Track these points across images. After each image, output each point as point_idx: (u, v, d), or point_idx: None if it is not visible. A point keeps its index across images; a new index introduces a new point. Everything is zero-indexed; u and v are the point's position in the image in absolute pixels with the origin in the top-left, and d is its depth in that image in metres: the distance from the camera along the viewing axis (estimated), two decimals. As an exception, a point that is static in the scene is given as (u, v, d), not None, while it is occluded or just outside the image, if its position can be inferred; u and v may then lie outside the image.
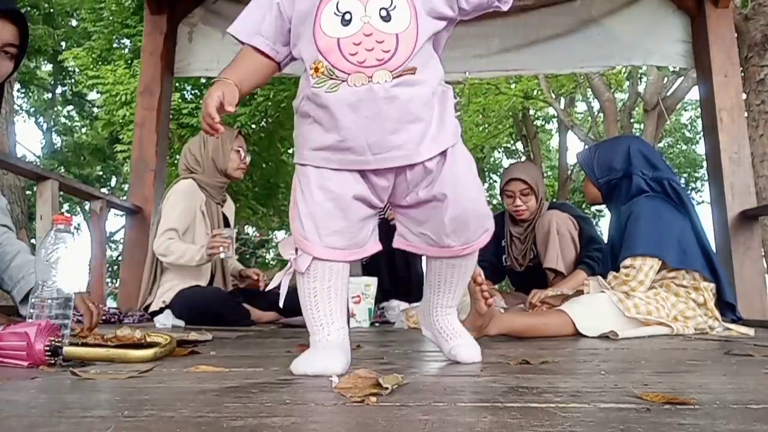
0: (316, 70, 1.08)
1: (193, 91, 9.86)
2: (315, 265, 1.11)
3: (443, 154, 1.12)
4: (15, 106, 10.77)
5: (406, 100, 1.07)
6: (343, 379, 0.85)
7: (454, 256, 1.19)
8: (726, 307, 2.10)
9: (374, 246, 1.19)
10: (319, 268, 1.11)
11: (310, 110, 1.12)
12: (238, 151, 2.82)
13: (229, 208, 2.96)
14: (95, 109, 13.49)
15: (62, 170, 12.36)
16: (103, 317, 2.59)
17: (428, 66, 1.11)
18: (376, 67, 1.06)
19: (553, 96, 11.75)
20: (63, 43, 12.12)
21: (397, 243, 1.23)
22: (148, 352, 1.18)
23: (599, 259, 2.49)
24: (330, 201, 1.10)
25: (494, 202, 10.33)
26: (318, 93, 1.08)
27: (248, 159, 2.90)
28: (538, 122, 14.87)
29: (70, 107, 14.84)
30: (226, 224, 2.89)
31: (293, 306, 1.20)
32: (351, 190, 1.11)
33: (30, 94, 14.24)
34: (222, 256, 2.59)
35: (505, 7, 1.14)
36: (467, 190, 1.14)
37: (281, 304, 1.17)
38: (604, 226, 6.21)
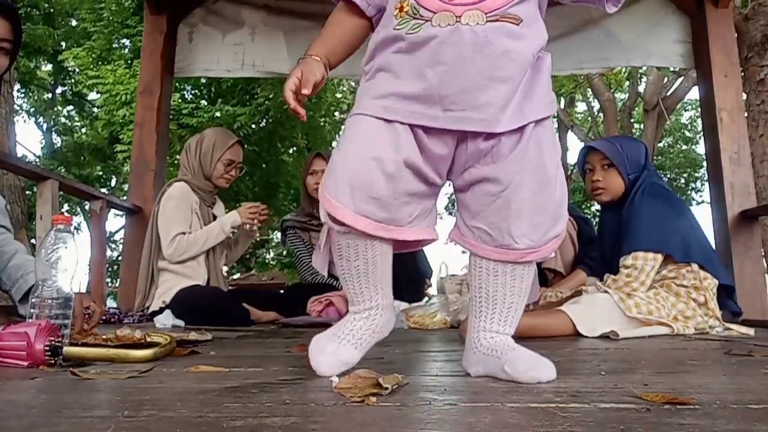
0: (401, 9, 0.94)
1: (193, 91, 9.86)
2: (340, 238, 0.99)
3: (523, 129, 0.94)
4: (15, 106, 10.76)
5: (500, 51, 0.90)
6: (344, 380, 0.85)
7: (511, 262, 0.98)
8: (726, 296, 2.10)
9: (413, 233, 1.00)
10: (343, 240, 0.99)
11: (383, 60, 0.97)
12: (229, 163, 2.81)
13: (219, 210, 2.96)
14: (95, 109, 13.49)
15: (62, 170, 12.35)
16: (103, 317, 2.59)
17: (534, 23, 0.95)
18: (468, 5, 0.90)
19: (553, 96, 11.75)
20: (63, 43, 12.12)
21: (453, 235, 1.05)
22: (148, 352, 1.18)
23: (598, 258, 2.48)
24: (376, 160, 0.93)
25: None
26: (397, 35, 0.94)
27: (239, 171, 2.88)
28: (539, 122, 14.85)
29: (70, 107, 14.85)
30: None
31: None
32: (404, 152, 0.93)
33: (30, 94, 14.24)
34: (255, 228, 2.72)
35: (611, 10, 1.01)
36: (541, 178, 0.95)
37: (325, 273, 1.15)
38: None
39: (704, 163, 5.44)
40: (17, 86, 12.11)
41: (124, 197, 5.37)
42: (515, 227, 0.96)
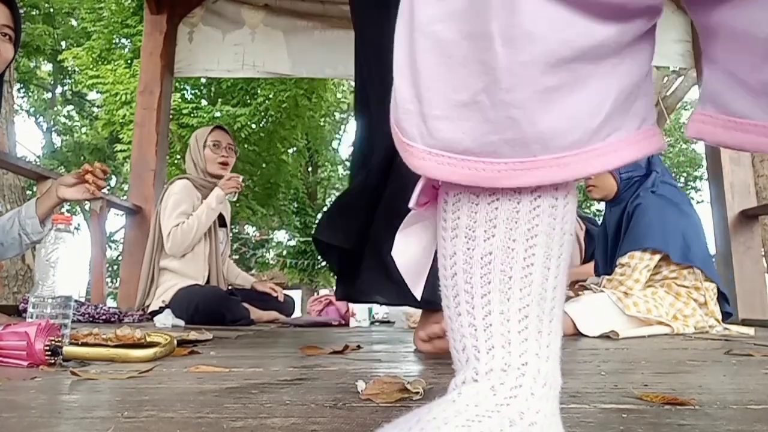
0: None
1: (193, 91, 9.87)
2: (420, 214, 0.52)
3: None
4: (15, 106, 10.76)
5: None
6: (370, 385, 0.84)
7: None
8: (723, 299, 2.11)
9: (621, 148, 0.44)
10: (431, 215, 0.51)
11: None
12: (215, 144, 2.83)
13: (225, 207, 2.97)
14: (95, 109, 13.49)
15: (62, 170, 12.35)
16: (104, 317, 2.59)
17: None
18: None
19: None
20: (63, 43, 12.12)
21: (692, 130, 0.48)
22: (148, 352, 1.18)
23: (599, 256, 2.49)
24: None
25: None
26: None
27: (231, 152, 2.89)
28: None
29: (70, 107, 14.86)
30: (222, 223, 2.91)
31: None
32: None
33: (30, 94, 14.24)
34: (234, 198, 2.81)
35: None
36: None
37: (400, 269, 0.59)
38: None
39: (704, 163, 5.44)
40: (17, 86, 12.11)
41: (124, 197, 5.37)
42: None
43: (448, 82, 0.43)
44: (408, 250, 0.54)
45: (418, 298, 0.54)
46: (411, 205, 0.51)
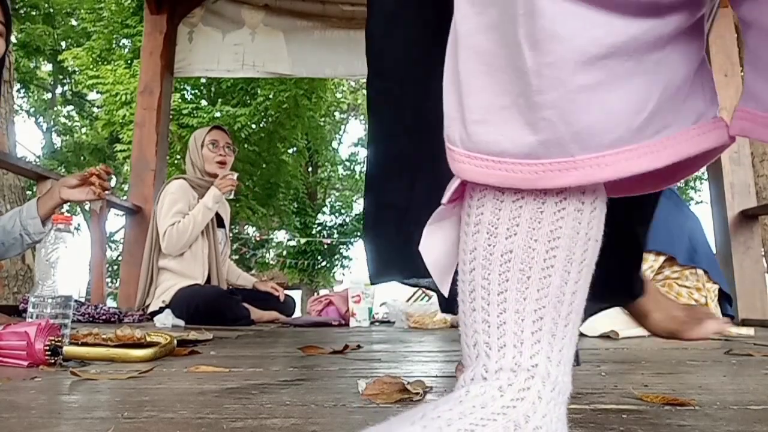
0: None
1: (193, 91, 9.87)
2: (466, 210, 0.49)
3: None
4: (15, 106, 10.76)
5: None
6: (370, 386, 0.84)
7: None
8: (725, 301, 2.11)
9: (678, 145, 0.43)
10: (471, 215, 0.48)
11: None
12: (212, 143, 2.83)
13: (224, 208, 2.97)
14: (95, 109, 13.50)
15: (62, 170, 12.36)
16: (104, 317, 2.59)
17: None
18: None
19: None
20: (63, 43, 12.13)
21: (735, 127, 0.45)
22: (148, 352, 1.18)
23: None
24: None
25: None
26: None
27: (229, 151, 2.89)
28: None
29: (70, 107, 14.86)
30: (220, 223, 2.91)
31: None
32: None
33: (30, 94, 14.25)
34: (231, 196, 2.80)
35: None
36: None
37: (429, 263, 0.54)
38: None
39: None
40: (17, 86, 12.11)
41: (124, 197, 5.37)
42: None
43: (489, 88, 0.44)
44: (435, 247, 0.53)
45: (446, 294, 0.53)
46: (443, 201, 0.51)
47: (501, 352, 0.44)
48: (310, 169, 15.36)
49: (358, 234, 15.38)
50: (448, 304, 1.09)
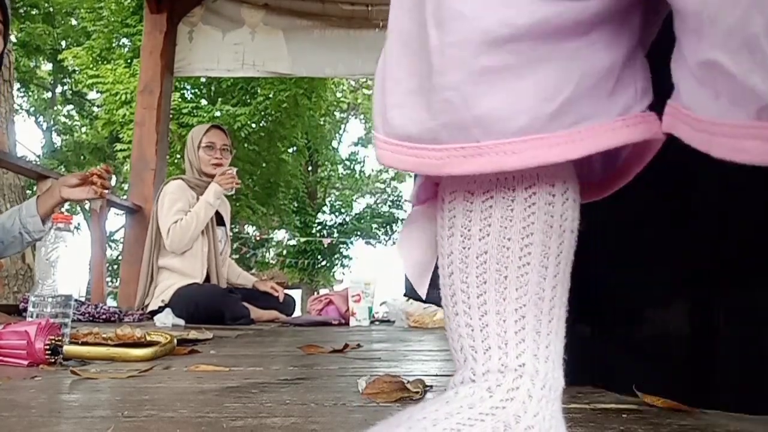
0: None
1: (193, 91, 9.87)
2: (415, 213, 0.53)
3: None
4: (15, 106, 10.76)
5: None
6: (370, 385, 0.84)
7: None
8: None
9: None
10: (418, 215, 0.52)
11: None
12: (208, 146, 2.83)
13: (224, 207, 2.97)
14: (95, 109, 13.50)
15: (62, 170, 12.36)
16: (104, 316, 2.59)
17: None
18: None
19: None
20: (63, 43, 12.12)
21: (665, 124, 0.42)
22: (148, 351, 1.18)
23: None
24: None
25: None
26: None
27: (226, 153, 2.88)
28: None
29: (70, 107, 14.86)
30: (220, 222, 2.91)
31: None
32: None
33: (30, 93, 14.25)
34: (231, 192, 2.80)
35: None
36: None
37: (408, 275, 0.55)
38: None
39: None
40: (17, 86, 12.11)
41: (124, 196, 5.37)
42: None
43: (404, 69, 0.43)
44: (413, 248, 0.53)
45: (423, 297, 0.53)
46: (413, 203, 0.50)
47: (486, 354, 0.44)
48: (310, 168, 15.36)
49: (358, 233, 15.39)
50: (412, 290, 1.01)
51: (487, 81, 0.39)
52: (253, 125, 9.30)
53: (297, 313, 3.11)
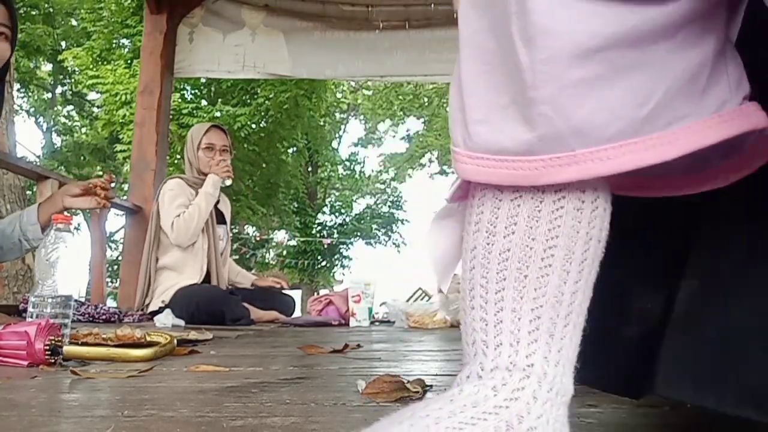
0: None
1: (193, 91, 9.87)
2: (470, 211, 0.48)
3: None
4: (15, 106, 10.77)
5: None
6: (369, 385, 0.84)
7: None
8: None
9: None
10: (473, 215, 0.48)
11: None
12: (208, 147, 2.83)
13: (225, 205, 2.98)
14: (95, 109, 13.50)
15: (62, 170, 12.36)
16: (104, 316, 2.59)
17: None
18: None
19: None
20: (63, 43, 12.12)
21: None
22: (147, 351, 1.18)
23: None
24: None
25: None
26: None
27: (225, 154, 2.87)
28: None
29: (70, 107, 14.86)
30: (221, 221, 2.91)
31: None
32: None
33: (30, 94, 14.25)
34: (228, 182, 2.83)
35: None
36: None
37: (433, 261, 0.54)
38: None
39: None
40: (17, 86, 12.10)
41: (124, 197, 5.37)
42: None
43: (489, 87, 0.44)
44: (439, 243, 0.53)
45: (445, 292, 0.54)
46: (446, 199, 0.52)
47: (497, 350, 0.44)
48: (310, 169, 15.37)
49: (358, 234, 15.39)
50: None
51: (580, 92, 0.40)
52: (253, 126, 9.31)
53: (297, 313, 3.11)
